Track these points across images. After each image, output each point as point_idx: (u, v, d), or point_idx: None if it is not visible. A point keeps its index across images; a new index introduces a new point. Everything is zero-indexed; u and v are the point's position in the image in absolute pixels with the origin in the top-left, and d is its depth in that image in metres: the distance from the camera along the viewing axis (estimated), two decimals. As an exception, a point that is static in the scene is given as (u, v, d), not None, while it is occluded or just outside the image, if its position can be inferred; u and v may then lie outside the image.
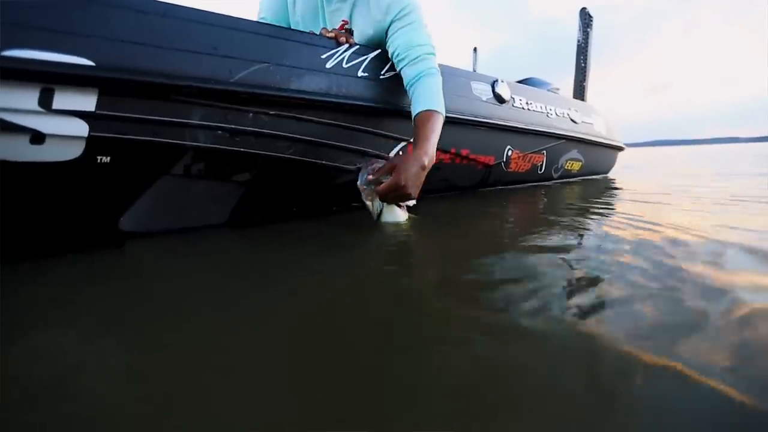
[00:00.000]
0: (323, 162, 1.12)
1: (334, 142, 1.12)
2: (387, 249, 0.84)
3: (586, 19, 2.90)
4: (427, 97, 1.08)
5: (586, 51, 2.92)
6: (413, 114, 1.07)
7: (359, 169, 1.02)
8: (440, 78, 1.13)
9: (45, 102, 0.70)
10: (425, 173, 0.96)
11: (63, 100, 0.71)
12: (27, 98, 0.69)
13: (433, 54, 1.14)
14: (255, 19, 1.24)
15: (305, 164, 1.08)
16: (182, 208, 0.99)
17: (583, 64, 2.95)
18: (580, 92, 2.93)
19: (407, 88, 1.13)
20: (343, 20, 1.20)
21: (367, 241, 0.91)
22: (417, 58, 1.11)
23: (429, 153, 0.95)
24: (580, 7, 2.93)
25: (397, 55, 1.13)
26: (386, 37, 1.15)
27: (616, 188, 1.94)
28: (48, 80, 0.69)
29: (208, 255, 0.85)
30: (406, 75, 1.12)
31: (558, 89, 2.50)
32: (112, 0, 0.77)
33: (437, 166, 1.43)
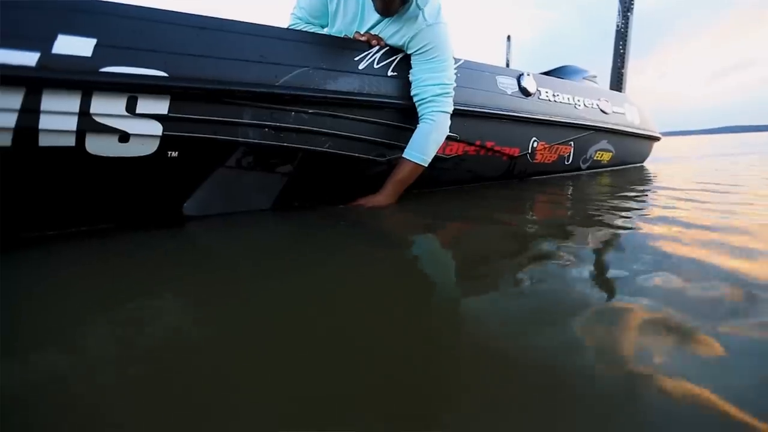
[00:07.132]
0: (356, 154, 1.24)
1: (367, 137, 1.23)
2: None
3: (626, 2, 2.80)
4: (419, 146, 1.21)
5: (626, 36, 2.83)
6: (404, 151, 1.23)
7: (389, 161, 1.10)
8: (441, 124, 1.23)
9: (131, 108, 0.86)
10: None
11: (144, 105, 0.87)
12: (117, 105, 0.84)
13: (447, 93, 1.23)
14: (287, 11, 1.36)
15: (340, 157, 1.20)
16: (234, 195, 1.14)
17: (622, 50, 2.86)
18: (617, 79, 2.85)
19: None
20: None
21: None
22: (426, 98, 1.21)
23: (392, 198, 1.24)
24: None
25: (413, 89, 1.24)
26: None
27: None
28: (133, 90, 0.85)
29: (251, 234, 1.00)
30: (418, 109, 1.25)
31: (595, 76, 2.46)
32: (179, 19, 0.91)
33: (462, 158, 1.52)
